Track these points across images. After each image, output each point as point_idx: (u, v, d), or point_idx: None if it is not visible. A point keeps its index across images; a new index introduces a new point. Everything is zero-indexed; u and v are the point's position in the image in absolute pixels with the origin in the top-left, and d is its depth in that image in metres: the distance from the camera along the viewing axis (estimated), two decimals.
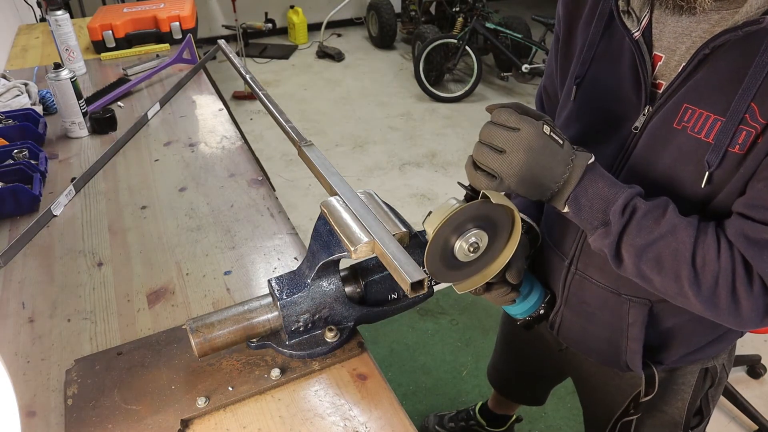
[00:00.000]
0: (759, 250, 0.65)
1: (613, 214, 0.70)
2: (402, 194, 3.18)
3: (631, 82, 0.77)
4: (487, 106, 0.73)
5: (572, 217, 0.74)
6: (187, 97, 1.71)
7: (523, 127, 0.68)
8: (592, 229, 0.73)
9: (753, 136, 0.64)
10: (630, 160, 0.78)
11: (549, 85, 1.00)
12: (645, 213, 0.69)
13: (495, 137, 0.69)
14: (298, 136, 0.91)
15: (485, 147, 0.70)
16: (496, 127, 0.69)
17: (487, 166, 0.70)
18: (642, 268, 0.71)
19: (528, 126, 0.67)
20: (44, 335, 0.89)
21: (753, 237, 0.66)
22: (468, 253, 0.70)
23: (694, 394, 0.97)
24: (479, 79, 4.17)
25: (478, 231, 0.69)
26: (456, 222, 0.67)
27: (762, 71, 0.62)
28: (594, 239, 0.74)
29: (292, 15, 5.33)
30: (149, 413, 0.74)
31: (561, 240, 0.93)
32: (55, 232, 1.12)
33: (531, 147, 0.67)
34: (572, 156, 0.70)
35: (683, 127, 0.71)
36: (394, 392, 0.79)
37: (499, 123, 0.69)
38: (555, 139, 0.69)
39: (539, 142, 0.67)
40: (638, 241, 0.70)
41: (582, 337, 0.97)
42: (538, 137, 0.67)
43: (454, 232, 0.68)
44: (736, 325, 0.71)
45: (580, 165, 0.70)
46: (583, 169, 0.70)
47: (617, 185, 0.71)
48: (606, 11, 0.79)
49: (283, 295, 0.79)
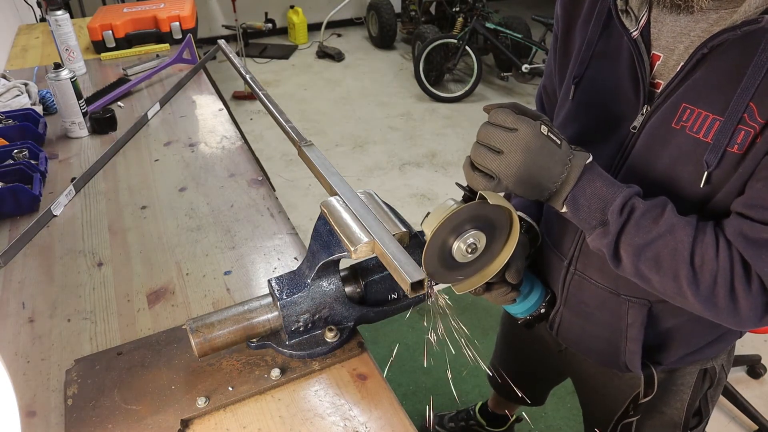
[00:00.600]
0: (757, 250, 0.65)
1: (611, 214, 0.70)
2: (402, 194, 3.18)
3: (629, 82, 0.77)
4: (484, 106, 0.73)
5: (570, 217, 0.74)
6: (187, 97, 1.71)
7: (520, 127, 0.67)
8: (590, 229, 0.73)
9: (752, 135, 0.64)
10: (629, 159, 0.78)
11: (548, 85, 1.00)
12: (643, 213, 0.69)
13: (492, 138, 0.69)
14: (298, 136, 0.91)
15: (483, 147, 0.70)
16: (493, 127, 0.69)
17: (485, 167, 0.70)
18: (640, 268, 0.71)
19: (525, 126, 0.67)
20: (44, 335, 0.89)
21: (752, 236, 0.66)
22: (466, 254, 0.70)
23: (693, 394, 0.97)
24: (479, 79, 4.17)
25: (476, 232, 0.69)
26: (453, 223, 0.67)
27: (760, 71, 0.62)
28: (592, 239, 0.74)
29: (292, 15, 5.33)
30: (149, 413, 0.74)
31: (560, 240, 0.92)
32: (55, 232, 1.12)
33: (528, 147, 0.67)
34: (570, 156, 0.70)
35: (682, 127, 0.71)
36: (394, 392, 0.79)
37: (497, 123, 0.69)
38: (553, 139, 0.68)
39: (537, 142, 0.67)
40: (636, 241, 0.70)
41: (581, 337, 0.97)
42: (536, 137, 0.67)
43: (451, 233, 0.68)
44: (735, 324, 0.71)
45: (578, 165, 0.70)
46: (581, 169, 0.70)
47: (615, 185, 0.71)
48: (604, 10, 0.79)
49: (283, 295, 0.79)
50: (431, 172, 3.40)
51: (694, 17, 0.70)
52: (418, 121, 4.02)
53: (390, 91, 4.50)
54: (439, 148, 3.65)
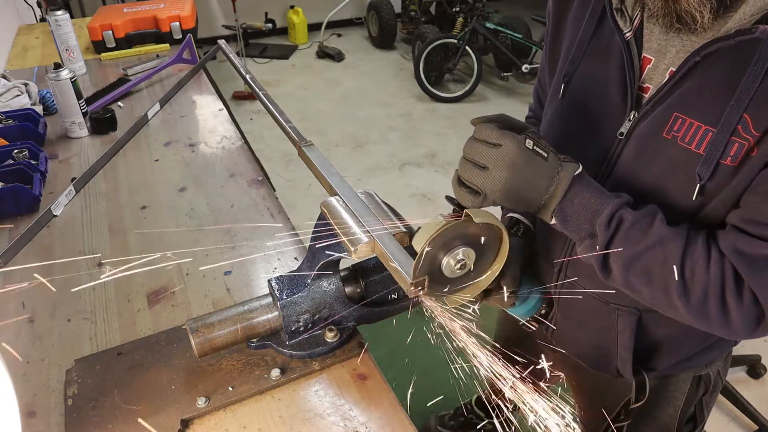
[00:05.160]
0: (753, 265, 0.64)
1: (599, 226, 0.68)
2: (402, 194, 3.18)
3: (617, 85, 0.75)
4: (471, 120, 0.72)
5: (560, 229, 0.73)
6: (187, 97, 1.71)
7: (504, 142, 0.66)
8: (579, 240, 0.72)
9: (746, 148, 0.63)
10: (616, 167, 0.76)
11: (543, 78, 0.99)
12: (632, 224, 0.68)
13: (477, 154, 0.68)
14: (298, 136, 0.91)
15: (469, 163, 0.69)
16: (478, 143, 0.69)
17: (472, 183, 0.69)
18: (630, 280, 0.70)
19: (509, 141, 0.66)
20: (44, 335, 0.89)
21: (747, 252, 0.64)
22: (455, 270, 0.69)
23: (686, 401, 0.95)
24: (479, 79, 4.17)
25: (466, 248, 0.68)
26: (441, 241, 0.66)
27: (755, 82, 0.61)
28: (582, 250, 0.72)
29: (292, 15, 5.33)
30: (149, 413, 0.74)
31: (550, 247, 0.92)
32: (55, 232, 1.12)
33: (513, 163, 0.66)
34: (558, 168, 0.68)
35: (673, 137, 0.69)
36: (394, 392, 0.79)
37: (481, 139, 0.68)
38: (539, 153, 0.67)
39: (521, 157, 0.66)
40: (625, 253, 0.68)
41: (574, 342, 0.97)
42: (520, 152, 0.66)
43: (441, 249, 0.67)
44: (727, 335, 0.70)
45: (566, 177, 0.68)
46: (569, 181, 0.68)
47: (604, 195, 0.69)
48: (599, 8, 0.77)
49: (283, 295, 0.79)
50: (431, 172, 3.40)
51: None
52: (418, 121, 4.02)
53: (390, 91, 4.50)
54: (439, 148, 3.65)
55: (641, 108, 0.72)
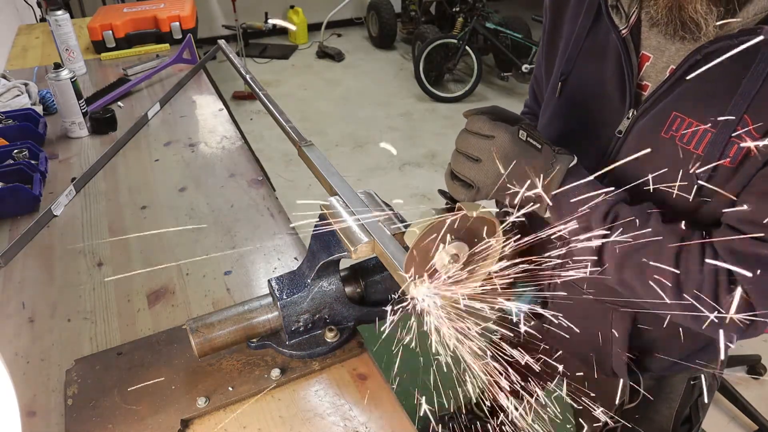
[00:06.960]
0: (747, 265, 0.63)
1: (595, 221, 0.68)
2: (402, 194, 3.18)
3: (615, 83, 0.74)
4: (464, 112, 0.71)
5: (554, 222, 0.72)
6: (187, 97, 1.71)
7: (497, 134, 0.66)
8: (573, 234, 0.71)
9: (745, 149, 0.62)
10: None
11: (539, 75, 0.98)
12: (628, 219, 0.67)
13: (470, 146, 0.67)
14: (298, 136, 0.91)
15: (461, 156, 0.68)
16: (470, 135, 0.68)
17: (464, 176, 0.68)
18: (624, 276, 0.70)
19: (502, 133, 0.65)
20: (44, 335, 0.89)
21: (741, 251, 0.64)
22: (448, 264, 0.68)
23: (682, 402, 0.95)
24: (479, 79, 4.17)
25: (458, 243, 0.68)
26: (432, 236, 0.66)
27: (756, 83, 0.60)
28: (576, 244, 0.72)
29: (292, 15, 5.33)
30: (149, 413, 0.74)
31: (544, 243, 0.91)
32: (55, 232, 1.12)
33: (506, 154, 0.65)
34: (552, 160, 0.67)
35: (671, 137, 0.68)
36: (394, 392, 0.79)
37: (473, 131, 0.67)
38: (532, 144, 0.66)
39: (514, 149, 0.65)
40: (620, 248, 0.68)
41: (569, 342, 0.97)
42: (513, 144, 0.65)
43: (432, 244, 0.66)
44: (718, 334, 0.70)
45: (560, 169, 0.67)
46: (564, 173, 0.67)
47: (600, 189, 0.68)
48: (594, 5, 0.76)
49: (283, 295, 0.79)
50: (431, 172, 3.39)
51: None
52: (418, 121, 4.02)
53: (390, 91, 4.50)
54: (439, 148, 3.65)
55: (640, 105, 0.72)
